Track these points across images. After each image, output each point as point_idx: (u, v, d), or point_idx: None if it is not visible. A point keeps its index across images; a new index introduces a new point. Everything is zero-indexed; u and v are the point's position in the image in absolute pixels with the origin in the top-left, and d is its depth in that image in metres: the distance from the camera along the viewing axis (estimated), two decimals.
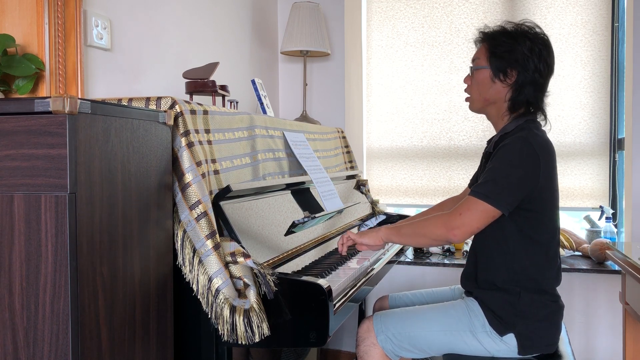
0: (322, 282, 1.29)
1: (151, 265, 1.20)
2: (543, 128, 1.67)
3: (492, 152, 1.64)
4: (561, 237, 2.74)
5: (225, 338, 1.24)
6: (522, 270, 1.58)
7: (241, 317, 1.23)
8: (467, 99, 1.76)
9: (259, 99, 2.28)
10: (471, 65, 1.73)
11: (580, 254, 2.83)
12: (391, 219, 2.61)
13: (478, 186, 1.53)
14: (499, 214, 1.52)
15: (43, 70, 1.56)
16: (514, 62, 1.61)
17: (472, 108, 1.75)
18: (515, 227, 1.57)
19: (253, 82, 2.29)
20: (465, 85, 1.76)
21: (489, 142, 1.75)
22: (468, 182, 2.98)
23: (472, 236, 1.62)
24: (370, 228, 1.83)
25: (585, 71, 2.90)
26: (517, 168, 1.51)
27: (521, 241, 1.58)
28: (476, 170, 1.89)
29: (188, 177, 1.29)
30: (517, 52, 1.60)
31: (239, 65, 2.73)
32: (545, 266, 1.60)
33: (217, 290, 1.24)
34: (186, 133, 1.32)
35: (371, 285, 1.73)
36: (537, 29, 1.64)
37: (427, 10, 3.13)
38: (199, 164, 1.33)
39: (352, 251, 1.88)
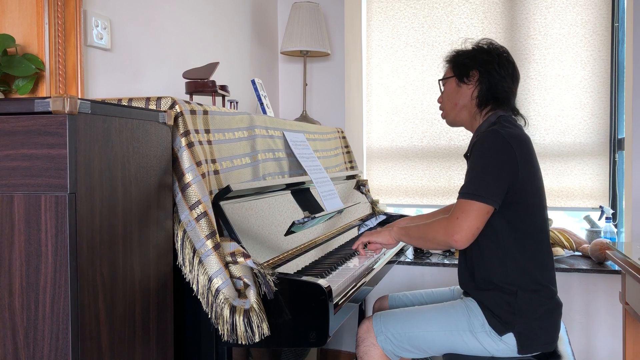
0: (322, 282, 1.29)
1: (151, 265, 1.20)
2: (519, 124, 1.72)
3: (470, 154, 1.68)
4: (561, 237, 2.74)
5: (225, 338, 1.24)
6: (515, 265, 1.59)
7: (241, 317, 1.23)
8: (442, 115, 1.86)
9: (259, 99, 2.28)
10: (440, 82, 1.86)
11: (580, 254, 2.83)
12: (391, 219, 2.61)
13: (463, 187, 1.58)
14: (492, 209, 1.55)
15: (43, 70, 1.56)
16: (475, 64, 1.73)
17: (448, 121, 1.85)
18: (504, 222, 1.59)
19: (253, 82, 2.29)
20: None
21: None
22: None
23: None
24: (381, 227, 1.84)
25: (585, 71, 2.89)
26: (492, 159, 1.56)
27: (511, 235, 1.60)
28: None
29: (188, 177, 1.29)
30: (477, 57, 1.74)
31: (239, 65, 2.73)
32: (538, 258, 1.61)
33: (217, 290, 1.24)
34: (186, 133, 1.32)
35: (371, 285, 1.73)
36: (494, 44, 1.76)
37: (427, 10, 3.13)
38: (199, 164, 1.33)
39: (352, 251, 1.88)
